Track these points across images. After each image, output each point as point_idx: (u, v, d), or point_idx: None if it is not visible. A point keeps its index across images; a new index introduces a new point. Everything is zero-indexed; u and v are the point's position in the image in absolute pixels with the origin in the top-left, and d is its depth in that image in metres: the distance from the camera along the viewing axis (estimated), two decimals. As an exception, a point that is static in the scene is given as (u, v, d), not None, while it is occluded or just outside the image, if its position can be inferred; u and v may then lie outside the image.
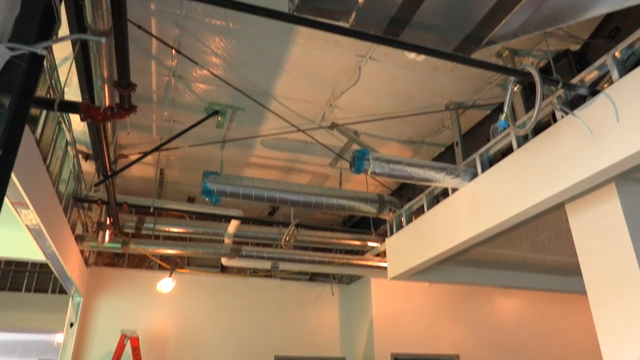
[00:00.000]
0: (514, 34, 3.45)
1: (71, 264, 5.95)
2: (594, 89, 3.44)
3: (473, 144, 5.22)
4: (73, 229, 6.06)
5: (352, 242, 7.45)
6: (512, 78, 3.52)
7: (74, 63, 3.61)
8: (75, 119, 4.98)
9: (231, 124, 5.73)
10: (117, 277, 7.77)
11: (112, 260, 7.96)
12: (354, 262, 7.39)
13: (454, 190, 4.78)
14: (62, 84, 4.21)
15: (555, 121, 3.65)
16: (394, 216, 5.91)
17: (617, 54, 3.30)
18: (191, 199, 8.06)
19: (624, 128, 3.03)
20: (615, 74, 3.25)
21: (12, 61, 2.10)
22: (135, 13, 3.98)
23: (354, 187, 7.17)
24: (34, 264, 9.96)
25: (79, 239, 6.33)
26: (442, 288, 8.46)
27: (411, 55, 4.39)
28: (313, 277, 8.81)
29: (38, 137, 4.02)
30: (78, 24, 3.04)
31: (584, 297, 3.68)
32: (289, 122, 5.42)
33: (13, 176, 3.32)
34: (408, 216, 5.73)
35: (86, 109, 3.34)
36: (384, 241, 6.38)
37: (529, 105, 4.61)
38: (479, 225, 4.26)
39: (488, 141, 4.49)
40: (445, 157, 6.36)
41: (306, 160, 6.78)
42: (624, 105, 3.08)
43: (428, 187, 5.36)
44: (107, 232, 6.33)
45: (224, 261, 7.11)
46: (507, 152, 4.14)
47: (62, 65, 4.14)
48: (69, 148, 5.24)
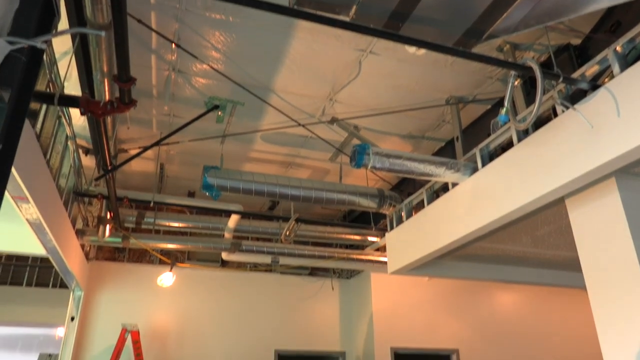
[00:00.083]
0: (515, 28, 3.44)
1: (72, 258, 5.96)
2: (595, 84, 3.44)
3: (473, 139, 5.22)
4: (73, 224, 6.07)
5: (352, 237, 7.46)
6: (513, 72, 3.51)
7: (74, 57, 3.60)
8: (75, 114, 4.98)
9: (231, 119, 5.73)
10: (118, 272, 7.79)
11: (113, 254, 7.98)
12: (354, 257, 7.40)
13: (454, 185, 4.78)
14: (62, 78, 4.20)
15: (555, 116, 3.65)
16: (394, 211, 5.92)
17: (618, 48, 3.30)
18: (191, 194, 8.06)
19: (625, 122, 3.03)
20: (616, 69, 3.25)
21: (12, 55, 2.09)
22: (134, 7, 3.96)
23: (354, 182, 7.17)
24: (35, 259, 9.96)
25: (80, 234, 6.34)
26: (442, 283, 8.48)
27: (412, 49, 4.38)
28: (313, 272, 8.83)
29: (38, 132, 4.01)
30: (77, 18, 3.04)
31: (584, 292, 3.69)
32: (289, 117, 5.41)
33: (13, 170, 3.32)
34: (408, 211, 5.73)
35: (86, 103, 3.33)
36: (384, 236, 6.40)
37: (530, 99, 4.61)
38: (479, 219, 4.26)
39: (488, 136, 4.49)
40: (445, 152, 6.36)
41: (306, 154, 6.78)
42: (625, 99, 3.07)
43: (428, 182, 5.37)
44: (108, 227, 6.34)
45: (224, 256, 7.13)
46: (508, 147, 4.14)
47: (62, 59, 4.14)
48: (69, 142, 5.24)
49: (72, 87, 4.41)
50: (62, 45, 4.08)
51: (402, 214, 5.78)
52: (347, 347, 8.47)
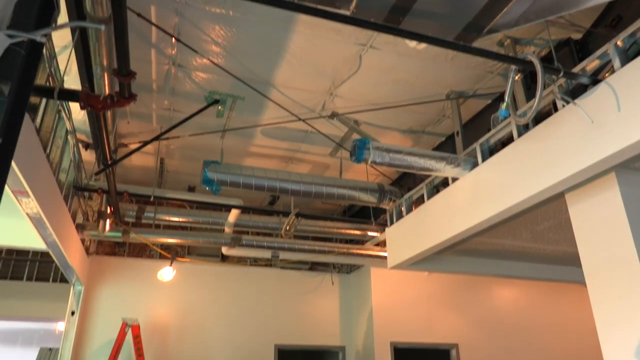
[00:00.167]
0: (516, 23, 3.44)
1: (72, 253, 5.97)
2: (596, 78, 3.43)
3: (473, 134, 5.21)
4: (74, 218, 6.08)
5: (352, 232, 7.47)
6: (514, 67, 3.51)
7: (74, 51, 3.59)
8: (75, 108, 4.97)
9: (231, 113, 5.72)
10: (118, 266, 7.81)
11: (113, 249, 7.99)
12: (354, 252, 7.41)
13: (454, 179, 4.78)
14: (62, 72, 4.19)
15: (556, 110, 3.65)
16: (394, 206, 5.92)
17: (619, 43, 3.29)
18: (191, 188, 8.06)
19: (625, 117, 3.03)
20: (617, 63, 3.24)
21: (11, 48, 2.09)
22: (134, 0, 3.94)
23: (354, 177, 7.17)
24: (35, 253, 9.98)
25: (80, 228, 6.35)
26: (442, 278, 8.50)
27: (412, 43, 4.37)
28: (313, 267, 8.85)
29: (38, 126, 4.01)
30: (77, 12, 3.02)
31: (583, 287, 3.70)
32: (290, 112, 5.40)
33: (13, 164, 3.32)
34: (408, 206, 5.74)
35: (86, 98, 3.32)
36: (384, 231, 6.40)
37: (530, 94, 4.60)
38: (479, 214, 4.26)
39: (489, 131, 4.49)
40: (445, 147, 6.35)
41: (306, 149, 6.77)
42: (626, 94, 3.07)
43: (428, 177, 5.37)
44: (108, 221, 6.35)
45: (225, 250, 7.14)
46: (508, 142, 4.13)
47: (62, 53, 4.13)
48: (69, 137, 5.23)
49: (72, 81, 4.40)
50: (62, 39, 4.07)
51: (402, 209, 5.78)
52: (347, 342, 8.50)
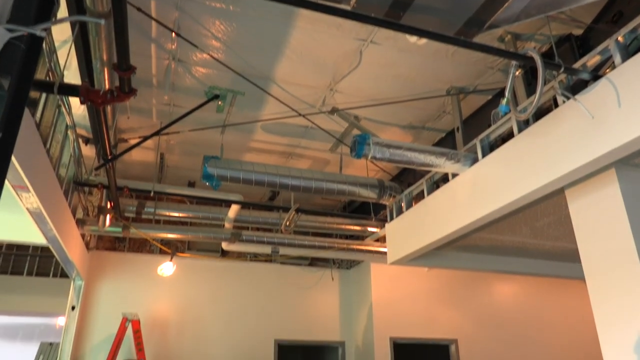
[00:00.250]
0: (516, 18, 3.43)
1: (72, 248, 5.98)
2: (596, 74, 3.43)
3: (474, 129, 5.21)
4: (74, 213, 6.08)
5: (352, 227, 7.47)
6: (514, 62, 3.50)
7: (73, 46, 3.58)
8: (75, 103, 4.97)
9: (231, 109, 5.71)
10: (118, 261, 7.82)
11: (113, 244, 8.00)
12: (354, 247, 7.42)
13: (454, 175, 4.78)
14: (62, 67, 4.19)
15: (556, 106, 3.64)
16: (394, 201, 5.92)
17: (620, 39, 3.28)
18: (191, 184, 8.07)
19: (626, 113, 3.02)
20: (617, 59, 3.24)
21: (11, 43, 2.08)
22: (134, -5, 3.94)
23: (355, 172, 7.17)
24: (35, 248, 9.98)
25: (80, 223, 6.35)
26: (441, 273, 8.51)
27: (412, 38, 4.37)
28: (313, 262, 8.86)
29: (38, 121, 4.01)
30: (77, 6, 3.02)
31: (582, 283, 3.70)
32: (290, 107, 5.40)
33: (13, 159, 3.32)
34: (408, 201, 5.74)
35: (86, 92, 3.32)
36: (384, 226, 6.41)
37: (531, 90, 4.59)
38: (479, 210, 4.27)
39: (489, 126, 4.48)
40: (445, 143, 6.36)
41: (307, 145, 6.77)
42: (626, 90, 3.07)
43: (428, 173, 5.37)
44: (108, 216, 6.35)
45: (225, 245, 7.14)
46: (508, 138, 4.13)
47: (62, 48, 4.11)
48: (69, 132, 5.23)
49: (72, 76, 4.38)
50: (62, 33, 4.06)
51: (402, 205, 5.79)
52: (347, 337, 8.52)
